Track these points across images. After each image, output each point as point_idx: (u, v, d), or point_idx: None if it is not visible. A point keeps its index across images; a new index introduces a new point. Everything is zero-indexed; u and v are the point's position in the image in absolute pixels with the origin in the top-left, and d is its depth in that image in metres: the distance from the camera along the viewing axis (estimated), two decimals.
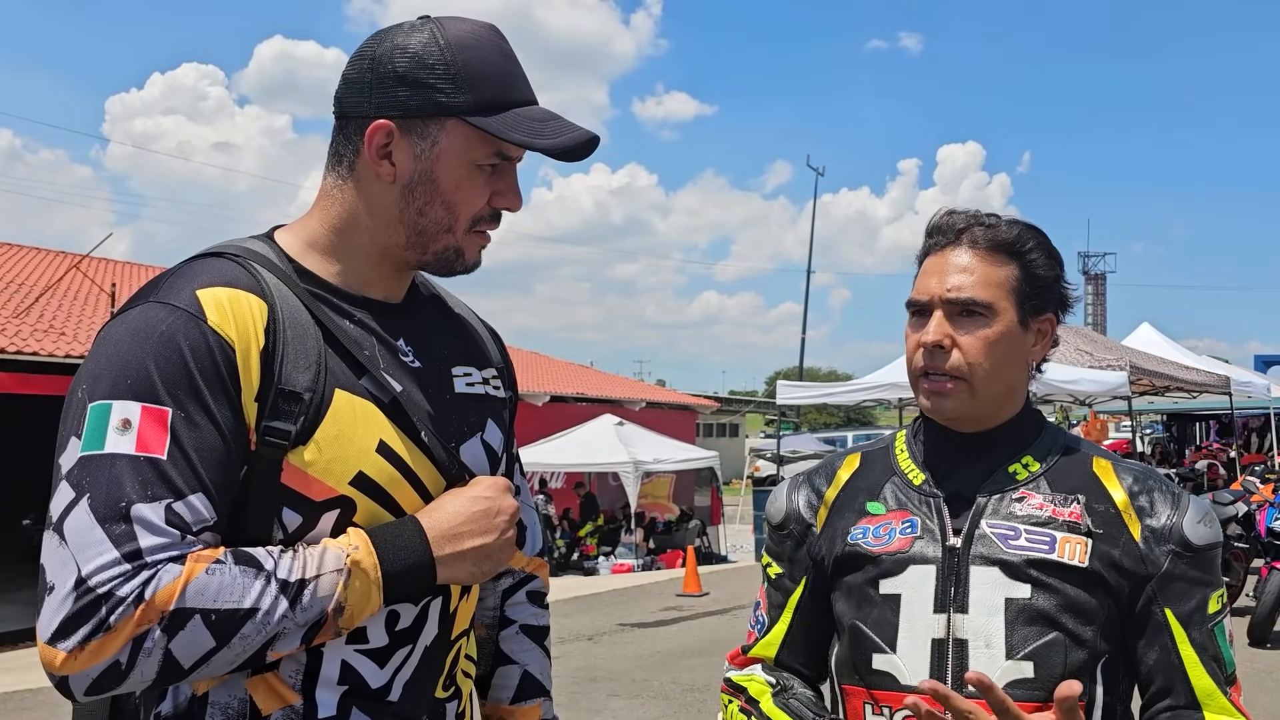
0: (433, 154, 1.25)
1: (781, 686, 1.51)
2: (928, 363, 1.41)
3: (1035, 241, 1.43)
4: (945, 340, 1.39)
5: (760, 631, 1.58)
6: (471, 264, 1.33)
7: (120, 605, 1.04)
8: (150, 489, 1.08)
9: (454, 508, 1.24)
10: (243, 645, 1.09)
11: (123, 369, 1.12)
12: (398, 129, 1.25)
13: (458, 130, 1.25)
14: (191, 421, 1.12)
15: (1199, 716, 1.33)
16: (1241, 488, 9.87)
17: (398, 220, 1.28)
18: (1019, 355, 1.43)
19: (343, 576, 1.14)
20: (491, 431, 1.40)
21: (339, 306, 1.28)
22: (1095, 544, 1.36)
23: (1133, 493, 1.40)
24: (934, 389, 1.41)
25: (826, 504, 1.53)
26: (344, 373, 1.23)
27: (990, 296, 1.39)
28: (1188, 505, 1.39)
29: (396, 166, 1.26)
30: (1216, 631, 1.36)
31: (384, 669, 1.25)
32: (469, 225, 1.29)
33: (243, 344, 1.17)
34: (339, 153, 1.30)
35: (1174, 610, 1.35)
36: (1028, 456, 1.44)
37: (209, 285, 1.20)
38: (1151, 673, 1.36)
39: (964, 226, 1.43)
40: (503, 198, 1.31)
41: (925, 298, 1.42)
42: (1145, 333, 18.20)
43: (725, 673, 1.61)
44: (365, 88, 1.26)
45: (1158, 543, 1.36)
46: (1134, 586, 1.36)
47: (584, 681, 7.43)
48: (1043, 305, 1.44)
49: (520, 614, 1.58)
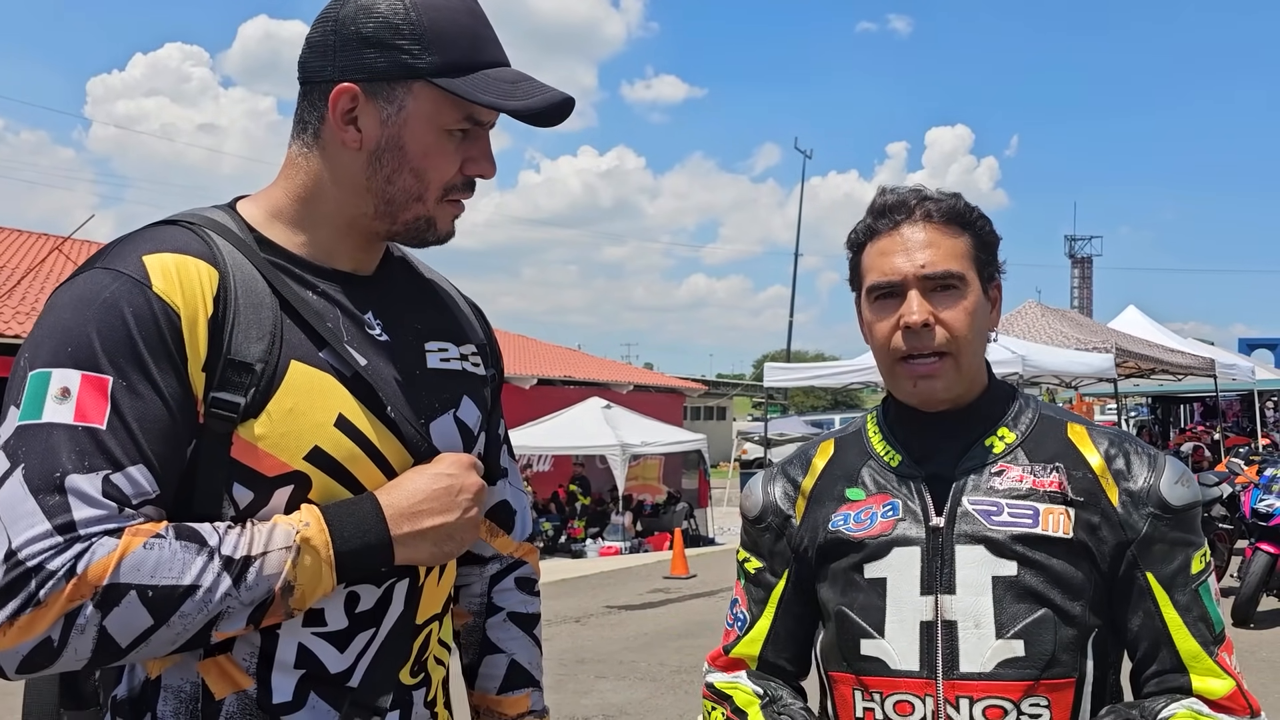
0: (399, 119, 1.21)
1: (770, 697, 1.47)
2: (910, 345, 1.36)
3: (977, 211, 1.43)
4: (930, 318, 1.35)
5: (741, 629, 1.54)
6: (444, 234, 1.29)
7: (51, 579, 0.99)
8: (87, 459, 1.04)
9: (414, 485, 1.20)
10: (183, 624, 1.05)
11: (64, 336, 1.08)
12: (363, 93, 1.21)
13: (425, 94, 1.21)
14: (134, 390, 1.08)
15: (1185, 680, 1.32)
16: (1226, 469, 9.94)
17: (365, 189, 1.24)
18: (986, 325, 1.43)
19: (291, 554, 1.10)
20: (467, 408, 1.35)
21: (301, 277, 1.23)
22: (1078, 512, 1.34)
23: (1109, 456, 1.38)
24: (922, 371, 1.37)
25: (804, 494, 1.50)
26: (302, 344, 1.19)
27: (961, 267, 1.38)
28: (1164, 466, 1.37)
29: (362, 133, 1.22)
30: (1201, 591, 1.34)
31: (345, 653, 1.21)
32: (440, 194, 1.25)
33: (189, 311, 1.12)
34: (303, 120, 1.25)
35: (1155, 574, 1.34)
36: (1003, 428, 1.41)
37: (156, 251, 1.15)
38: (1137, 638, 1.35)
39: (915, 201, 1.40)
40: (475, 165, 1.26)
41: (896, 278, 1.38)
42: (1131, 315, 18.30)
43: (706, 676, 1.56)
44: (328, 51, 1.22)
45: (1136, 506, 1.34)
46: (1115, 552, 1.34)
47: (571, 663, 7.43)
48: (993, 272, 1.44)
49: (508, 601, 1.52)
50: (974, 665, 1.31)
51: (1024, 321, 14.57)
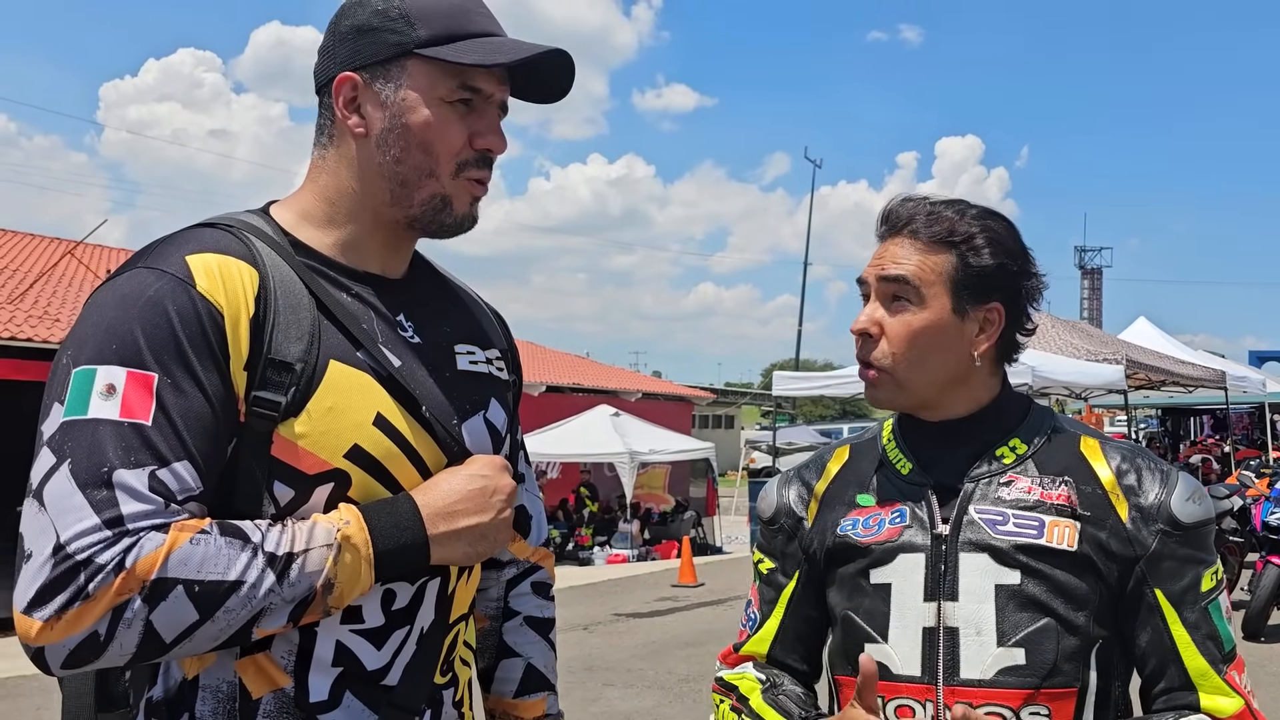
0: (398, 97, 1.24)
1: (771, 683, 1.49)
2: (858, 351, 1.42)
3: (980, 228, 1.39)
4: (873, 328, 1.39)
5: (752, 629, 1.56)
6: (463, 216, 1.29)
7: (100, 573, 1.00)
8: (134, 455, 1.05)
9: (449, 485, 1.22)
10: (227, 620, 1.06)
11: (108, 334, 1.10)
12: (362, 79, 1.25)
13: (419, 68, 1.24)
14: (178, 388, 1.09)
15: (1194, 698, 1.32)
16: (1237, 482, 9.89)
17: (379, 175, 1.26)
18: (953, 345, 1.39)
19: (332, 552, 1.11)
20: (495, 411, 1.37)
21: (336, 280, 1.26)
22: (1084, 526, 1.34)
23: (1120, 471, 1.38)
24: (864, 377, 1.43)
25: (816, 497, 1.52)
26: (340, 344, 1.21)
27: (918, 279, 1.37)
28: (1176, 482, 1.37)
29: (366, 118, 1.25)
30: (1211, 609, 1.34)
31: (381, 650, 1.22)
32: (453, 169, 1.26)
33: (232, 311, 1.14)
34: (321, 125, 1.30)
35: (1164, 590, 1.33)
36: (1015, 439, 1.42)
37: (199, 251, 1.17)
38: (1145, 655, 1.35)
39: (908, 218, 1.41)
40: (482, 138, 1.27)
41: (864, 277, 1.43)
42: (1141, 327, 18.22)
43: (716, 672, 1.59)
44: (329, 50, 1.28)
45: (1146, 523, 1.34)
46: (1123, 568, 1.34)
47: (579, 671, 7.42)
48: (984, 294, 1.39)
49: (525, 605, 1.54)
50: (974, 672, 1.32)
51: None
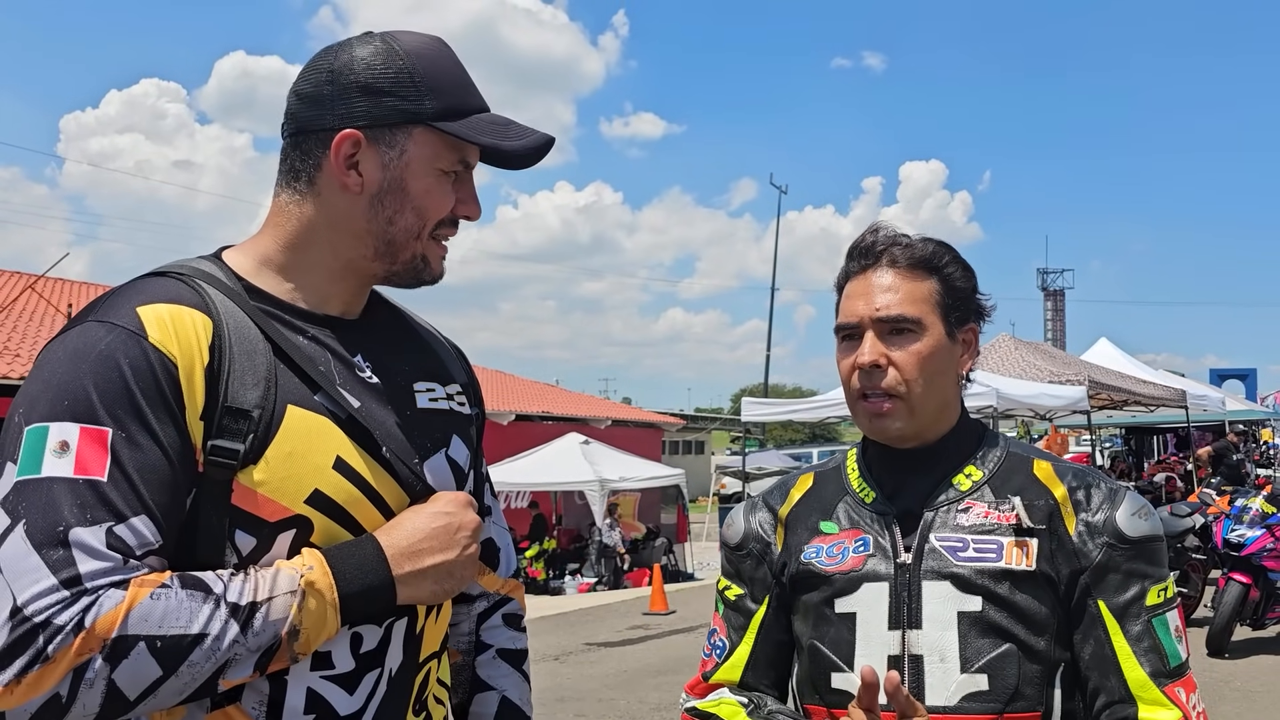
0: (401, 162, 1.26)
1: (755, 704, 1.49)
2: (864, 384, 1.43)
3: (950, 256, 1.47)
4: (881, 360, 1.41)
5: (721, 656, 1.55)
6: (438, 273, 1.33)
7: (59, 634, 0.99)
8: (90, 512, 1.04)
9: (413, 524, 1.22)
10: (191, 673, 1.04)
11: (60, 390, 1.09)
12: (365, 139, 1.25)
13: (425, 138, 1.26)
14: (133, 441, 1.08)
15: (1133, 710, 1.34)
16: (1199, 500, 10.03)
17: (365, 231, 1.27)
18: (950, 367, 1.46)
19: (296, 598, 1.11)
20: (457, 447, 1.38)
21: (291, 323, 1.26)
22: (1039, 542, 1.38)
23: (1071, 489, 1.42)
24: (873, 410, 1.43)
25: (781, 521, 1.54)
26: (297, 388, 1.21)
27: (917, 312, 1.43)
28: (1123, 499, 1.41)
29: (364, 177, 1.25)
30: (1156, 623, 1.36)
31: (354, 695, 1.21)
32: (431, 230, 1.29)
33: (186, 361, 1.14)
34: (294, 169, 1.28)
35: (1107, 602, 1.36)
36: (970, 466, 1.46)
37: (150, 302, 1.17)
38: (1088, 667, 1.37)
39: (883, 247, 1.46)
40: (465, 206, 1.32)
41: (854, 320, 1.45)
42: (1103, 348, 18.49)
43: (684, 705, 1.57)
44: (325, 101, 1.25)
45: (1091, 536, 1.38)
46: (1069, 580, 1.37)
47: (551, 702, 7.37)
48: (965, 316, 1.48)
49: (497, 638, 1.54)
50: (939, 699, 1.34)
51: (997, 354, 14.70)
